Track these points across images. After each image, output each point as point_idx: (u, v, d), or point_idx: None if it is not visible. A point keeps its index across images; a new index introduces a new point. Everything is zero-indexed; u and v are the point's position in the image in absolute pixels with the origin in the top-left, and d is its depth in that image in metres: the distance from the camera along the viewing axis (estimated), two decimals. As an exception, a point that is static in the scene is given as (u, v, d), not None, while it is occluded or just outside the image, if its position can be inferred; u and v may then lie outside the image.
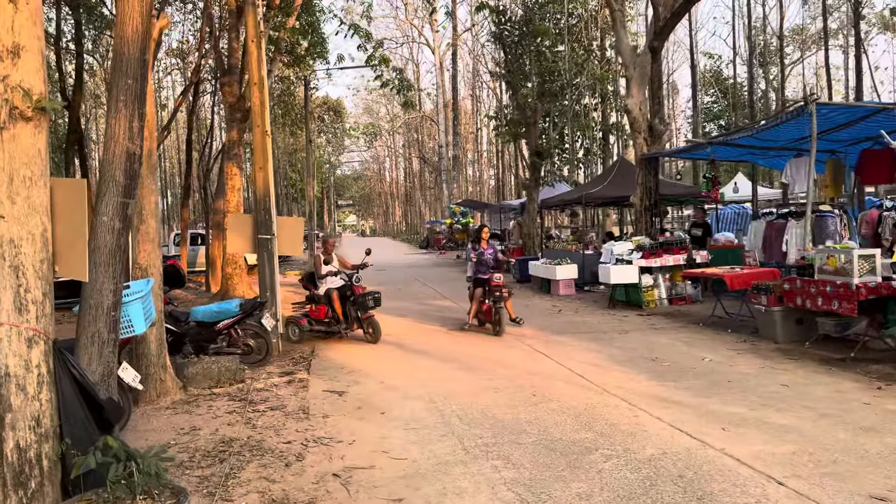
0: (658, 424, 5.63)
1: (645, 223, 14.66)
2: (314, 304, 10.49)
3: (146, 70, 5.53)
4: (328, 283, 10.39)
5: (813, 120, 9.51)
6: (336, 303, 10.14)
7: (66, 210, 3.94)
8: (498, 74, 24.70)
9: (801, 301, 8.34)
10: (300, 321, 10.46)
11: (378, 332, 10.04)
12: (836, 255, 7.80)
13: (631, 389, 6.79)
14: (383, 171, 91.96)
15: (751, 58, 33.41)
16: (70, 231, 3.93)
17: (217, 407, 6.99)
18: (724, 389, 6.65)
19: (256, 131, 9.78)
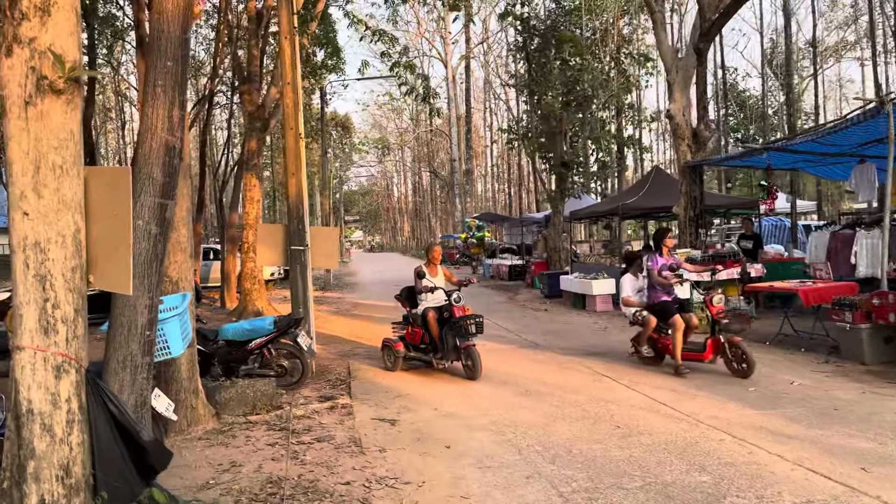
0: (782, 464, 4.80)
1: (689, 235, 13.87)
2: (411, 326, 8.95)
3: (187, 52, 4.80)
4: (427, 301, 8.72)
5: (890, 121, 8.75)
6: (433, 326, 8.44)
7: (104, 206, 3.18)
8: (520, 84, 24.03)
9: (895, 317, 7.52)
10: (395, 345, 8.91)
11: (478, 367, 8.07)
12: (942, 267, 7.00)
13: (727, 419, 5.97)
14: (391, 187, 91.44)
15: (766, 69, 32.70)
16: (109, 232, 3.17)
17: (256, 437, 6.19)
18: (834, 420, 5.83)
19: (289, 135, 9.04)
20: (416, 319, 8.79)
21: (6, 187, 3.13)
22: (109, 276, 3.16)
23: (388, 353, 9.05)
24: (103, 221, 3.15)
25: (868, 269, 10.05)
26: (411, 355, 8.85)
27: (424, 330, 8.60)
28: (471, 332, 8.19)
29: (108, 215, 3.14)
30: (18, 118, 3.03)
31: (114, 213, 3.13)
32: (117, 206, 3.12)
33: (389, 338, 9.19)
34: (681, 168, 13.93)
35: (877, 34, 32.26)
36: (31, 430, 3.01)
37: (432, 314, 8.48)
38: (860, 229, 10.40)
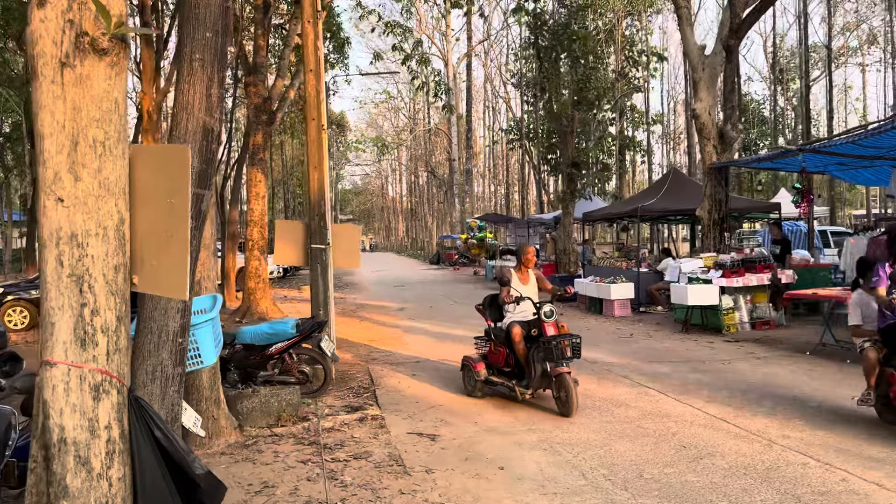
0: (882, 493, 4.31)
1: (713, 239, 13.41)
2: (493, 343, 7.29)
3: (229, 21, 4.27)
4: (513, 314, 7.12)
5: (945, 122, 8.30)
6: (518, 345, 6.76)
7: (155, 192, 2.63)
8: (530, 83, 23.58)
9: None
10: (475, 366, 7.26)
11: (572, 401, 6.31)
12: None
13: (800, 439, 5.48)
14: (386, 186, 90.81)
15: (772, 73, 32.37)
16: (160, 224, 2.62)
17: (284, 453, 5.65)
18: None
19: (311, 125, 8.50)
20: (499, 336, 7.19)
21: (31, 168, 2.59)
22: (159, 277, 2.61)
23: (468, 374, 7.47)
24: (153, 211, 2.61)
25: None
26: (493, 379, 7.13)
27: (509, 349, 6.97)
28: (565, 356, 6.46)
29: (159, 204, 2.60)
30: (52, 83, 2.49)
31: (167, 201, 2.58)
32: (172, 191, 2.57)
33: (470, 356, 7.51)
34: (706, 169, 13.46)
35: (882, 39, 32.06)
36: (64, 463, 2.47)
37: (518, 330, 6.79)
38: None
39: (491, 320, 7.46)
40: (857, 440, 5.39)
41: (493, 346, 7.26)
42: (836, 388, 7.20)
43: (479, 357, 7.43)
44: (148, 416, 2.69)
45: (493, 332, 7.33)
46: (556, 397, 6.48)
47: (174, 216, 2.57)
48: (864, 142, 10.15)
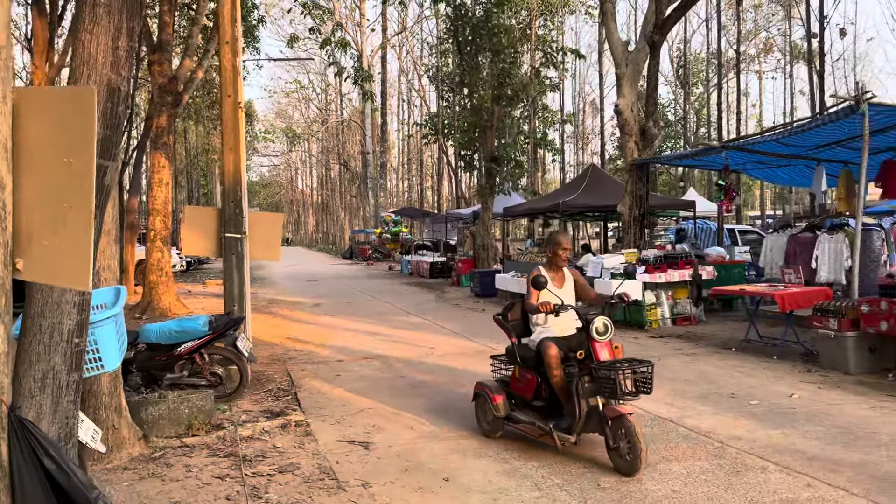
0: (856, 501, 4.13)
1: (634, 235, 13.44)
2: (517, 366, 5.40)
3: (140, -38, 3.59)
4: (547, 328, 5.34)
5: (865, 121, 8.48)
6: (554, 371, 4.93)
7: (46, 149, 2.00)
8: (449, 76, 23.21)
9: (887, 326, 7.16)
10: (493, 397, 5.39)
11: (638, 454, 4.49)
12: (944, 274, 6.65)
13: (752, 440, 5.29)
14: (295, 178, 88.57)
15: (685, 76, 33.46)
16: (54, 193, 1.99)
17: (198, 467, 4.98)
18: (869, 442, 5.23)
19: (226, 103, 7.75)
20: (527, 357, 5.29)
21: None
22: (52, 262, 1.99)
23: (482, 407, 5.62)
24: (45, 175, 1.98)
25: (830, 275, 9.83)
26: (517, 416, 5.27)
27: (541, 377, 5.15)
28: (626, 391, 4.57)
29: (54, 165, 1.97)
30: None
31: (64, 162, 1.97)
32: (72, 149, 1.95)
33: (485, 383, 5.64)
34: (628, 166, 13.48)
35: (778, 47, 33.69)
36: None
37: (555, 351, 4.93)
38: (821, 233, 10.18)
39: (514, 335, 5.53)
40: (808, 440, 5.26)
41: (518, 371, 5.36)
42: (771, 386, 7.15)
43: (498, 384, 5.55)
44: (35, 441, 2.07)
45: (519, 351, 5.37)
46: (613, 448, 4.59)
47: (74, 182, 1.95)
48: (786, 140, 10.31)
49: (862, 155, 8.69)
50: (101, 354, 3.69)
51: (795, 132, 9.74)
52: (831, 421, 5.77)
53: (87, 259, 1.95)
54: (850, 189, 11.38)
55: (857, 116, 8.54)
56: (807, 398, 6.60)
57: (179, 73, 14.95)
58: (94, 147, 1.98)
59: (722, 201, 11.43)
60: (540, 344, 5.10)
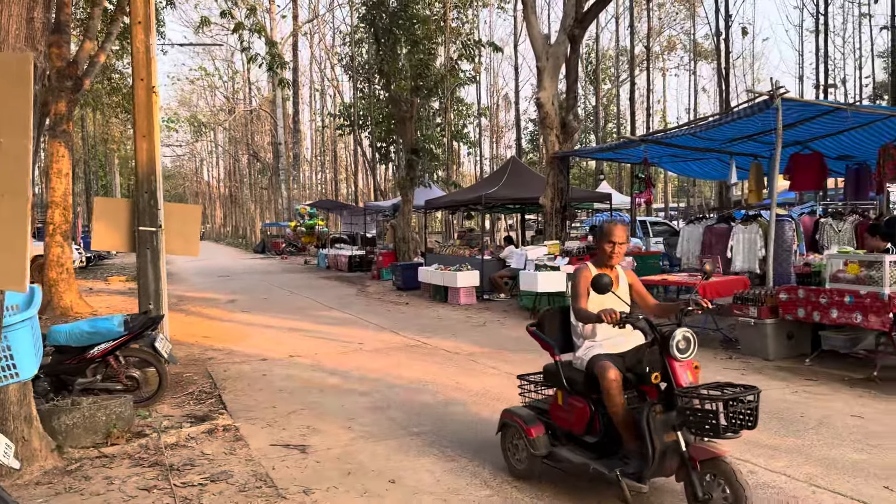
0: (794, 484, 4.23)
1: (555, 227, 13.59)
2: (560, 391, 4.29)
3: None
4: (594, 341, 4.29)
5: (779, 116, 8.83)
6: (614, 398, 3.86)
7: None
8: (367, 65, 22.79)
9: (804, 313, 7.47)
10: (529, 429, 4.25)
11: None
12: (855, 261, 6.98)
13: (689, 427, 5.37)
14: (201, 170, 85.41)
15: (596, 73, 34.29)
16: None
17: (120, 479, 4.60)
18: (796, 425, 5.43)
19: (139, 86, 7.23)
20: (574, 379, 4.18)
21: None
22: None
23: (513, 441, 4.48)
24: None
25: (745, 264, 10.22)
26: (563, 454, 4.15)
27: (592, 404, 4.04)
28: (728, 427, 3.51)
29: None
30: None
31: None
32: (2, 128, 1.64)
33: (516, 411, 4.50)
34: (548, 159, 13.61)
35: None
36: None
37: (616, 375, 3.86)
38: (736, 223, 10.56)
39: (554, 350, 4.33)
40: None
41: (562, 397, 4.23)
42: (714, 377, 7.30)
43: (533, 414, 4.39)
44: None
45: (564, 370, 4.23)
46: (701, 499, 3.49)
47: (5, 166, 1.65)
48: (702, 133, 10.64)
49: (775, 148, 9.04)
50: (17, 361, 3.29)
51: (714, 125, 10.05)
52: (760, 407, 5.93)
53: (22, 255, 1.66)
54: (760, 181, 11.89)
55: (770, 111, 8.87)
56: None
57: (79, 57, 13.98)
58: (30, 124, 1.68)
59: (642, 193, 11.69)
60: (592, 363, 3.99)
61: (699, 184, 44.81)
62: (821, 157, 11.11)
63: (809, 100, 11.49)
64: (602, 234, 4.38)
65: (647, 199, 11.77)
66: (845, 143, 10.87)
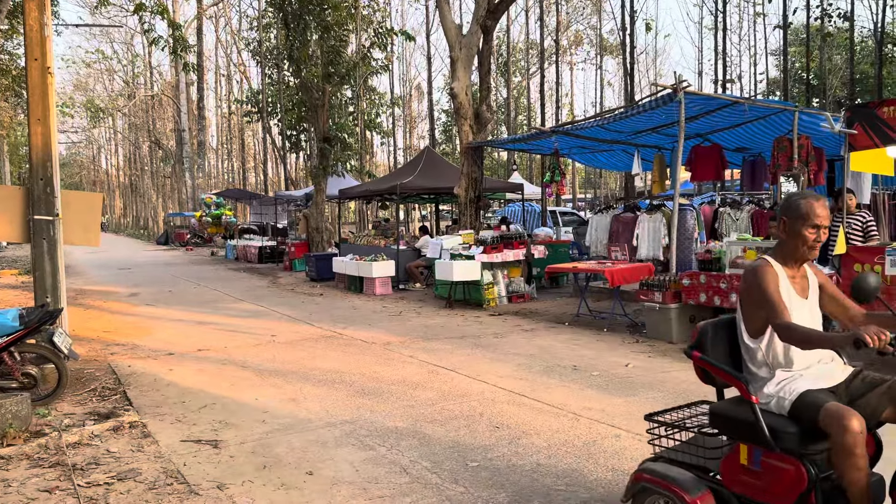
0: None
1: (470, 216, 13.74)
2: (748, 447, 2.86)
3: None
4: (794, 371, 2.97)
5: (681, 108, 9.22)
6: (856, 460, 2.59)
7: None
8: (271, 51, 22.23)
9: (705, 297, 7.87)
10: (693, 500, 2.84)
11: None
12: (752, 248, 7.41)
13: (602, 410, 5.56)
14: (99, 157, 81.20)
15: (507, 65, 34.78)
16: None
17: (18, 481, 4.35)
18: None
19: (32, 66, 6.78)
20: (783, 431, 2.77)
21: None
22: None
23: None
24: None
25: (650, 252, 10.65)
26: None
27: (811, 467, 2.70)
28: None
29: None
30: None
31: None
32: None
33: (660, 471, 3.05)
34: (462, 149, 13.73)
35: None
36: None
37: (859, 425, 2.59)
38: (641, 213, 10.98)
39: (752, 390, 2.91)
40: (653, 407, 5.58)
41: (750, 455, 2.87)
42: (607, 357, 7.59)
43: (694, 479, 2.98)
44: None
45: (767, 417, 2.82)
46: None
47: None
48: (610, 126, 10.99)
49: (679, 139, 9.43)
50: None
51: (621, 117, 10.39)
52: (666, 388, 6.22)
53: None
54: (663, 172, 12.39)
55: (673, 104, 9.25)
56: (641, 367, 7.08)
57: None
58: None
59: (555, 183, 11.95)
60: (810, 405, 2.75)
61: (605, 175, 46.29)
62: (720, 148, 11.67)
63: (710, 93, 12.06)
64: (797, 215, 2.98)
65: (562, 191, 12.05)
66: (742, 135, 11.46)
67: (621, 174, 28.88)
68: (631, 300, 10.35)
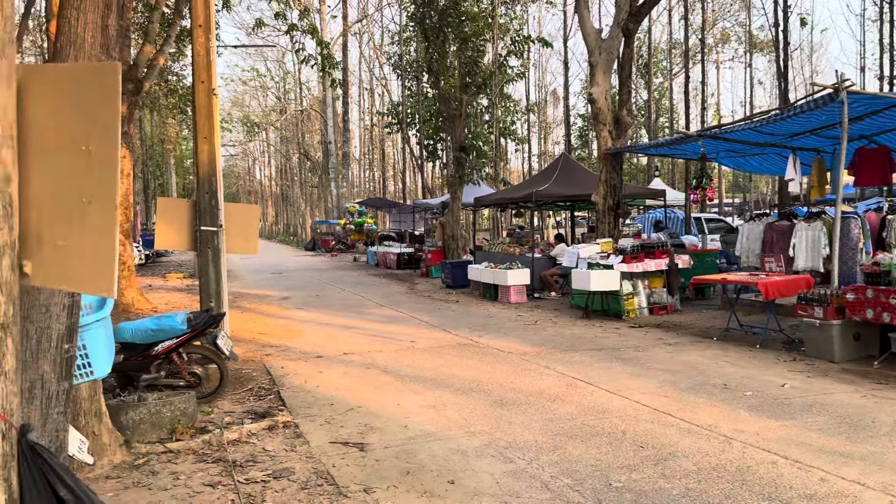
0: (870, 494, 4.08)
1: (608, 224, 13.42)
2: None
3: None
4: None
5: (844, 109, 8.54)
6: None
7: (60, 134, 1.74)
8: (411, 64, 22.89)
9: (873, 314, 7.21)
10: None
11: None
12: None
13: (755, 433, 5.22)
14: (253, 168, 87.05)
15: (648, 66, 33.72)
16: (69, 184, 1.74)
17: (185, 474, 4.71)
18: (872, 432, 5.22)
19: (199, 89, 7.39)
20: None
21: None
22: (69, 265, 1.74)
23: None
24: (58, 164, 1.72)
25: (808, 263, 9.91)
26: None
27: None
28: None
29: (69, 153, 1.72)
30: None
31: (82, 149, 1.71)
32: (90, 134, 1.70)
33: None
34: (601, 155, 13.43)
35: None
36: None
37: None
38: (799, 221, 10.25)
39: None
40: (811, 432, 5.21)
41: None
42: (760, 375, 7.14)
43: None
44: (49, 468, 1.81)
45: None
46: None
47: (94, 173, 1.70)
48: (762, 128, 10.35)
49: (841, 142, 8.77)
50: (91, 360, 3.41)
51: (774, 119, 9.75)
52: (828, 411, 5.75)
53: (112, 260, 1.71)
54: (822, 177, 11.50)
55: (835, 105, 8.58)
56: (798, 388, 6.59)
57: (139, 60, 14.38)
58: (118, 133, 1.73)
59: (701, 189, 11.41)
60: None
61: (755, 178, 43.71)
62: (888, 151, 10.69)
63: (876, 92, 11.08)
64: None
65: (709, 196, 11.47)
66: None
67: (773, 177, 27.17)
68: (786, 315, 9.69)
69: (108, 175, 1.71)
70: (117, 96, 1.73)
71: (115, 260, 1.70)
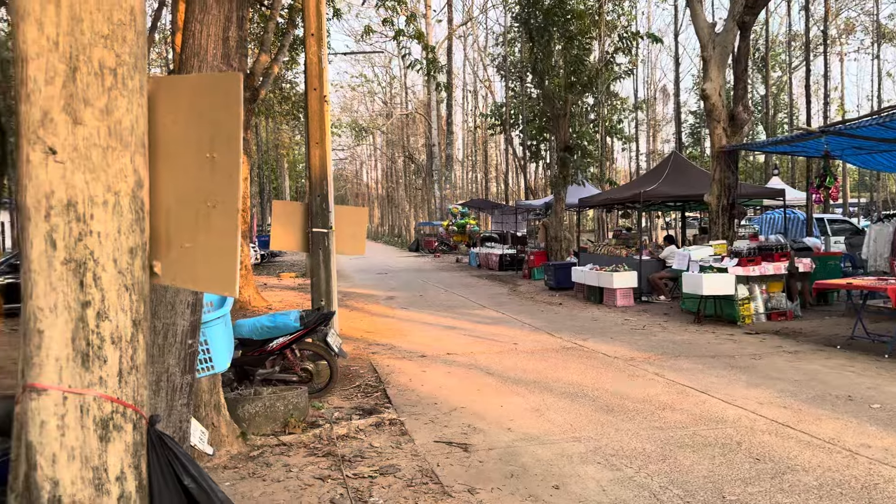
0: None
1: (722, 226, 12.86)
2: None
3: (249, -52, 3.43)
4: None
5: None
6: None
7: (186, 142, 1.86)
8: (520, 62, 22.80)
9: None
10: None
11: None
12: None
13: (883, 448, 4.86)
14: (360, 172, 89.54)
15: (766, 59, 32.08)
16: (195, 189, 1.85)
17: (297, 467, 4.89)
18: None
19: (312, 96, 7.67)
20: None
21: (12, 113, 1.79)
22: (195, 265, 1.85)
23: None
24: (185, 170, 1.84)
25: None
26: None
27: None
28: None
29: (195, 160, 1.83)
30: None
31: (207, 156, 1.82)
32: (215, 142, 1.80)
33: None
34: (715, 153, 12.90)
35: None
36: (57, 534, 1.70)
37: None
38: (935, 223, 9.46)
39: None
40: (949, 450, 4.80)
41: None
42: (889, 387, 6.64)
43: None
44: (174, 457, 1.93)
45: None
46: None
47: (218, 179, 1.80)
48: (892, 123, 9.62)
49: None
50: (213, 355, 3.61)
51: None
52: (972, 429, 5.27)
53: (233, 261, 1.80)
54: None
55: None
56: (935, 402, 6.08)
57: (255, 69, 15.09)
58: (240, 140, 1.83)
59: (827, 189, 10.73)
60: None
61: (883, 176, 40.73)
62: None
63: None
64: None
65: (833, 196, 10.79)
66: None
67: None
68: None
69: (230, 181, 1.80)
70: (239, 105, 1.83)
71: (236, 261, 1.79)
